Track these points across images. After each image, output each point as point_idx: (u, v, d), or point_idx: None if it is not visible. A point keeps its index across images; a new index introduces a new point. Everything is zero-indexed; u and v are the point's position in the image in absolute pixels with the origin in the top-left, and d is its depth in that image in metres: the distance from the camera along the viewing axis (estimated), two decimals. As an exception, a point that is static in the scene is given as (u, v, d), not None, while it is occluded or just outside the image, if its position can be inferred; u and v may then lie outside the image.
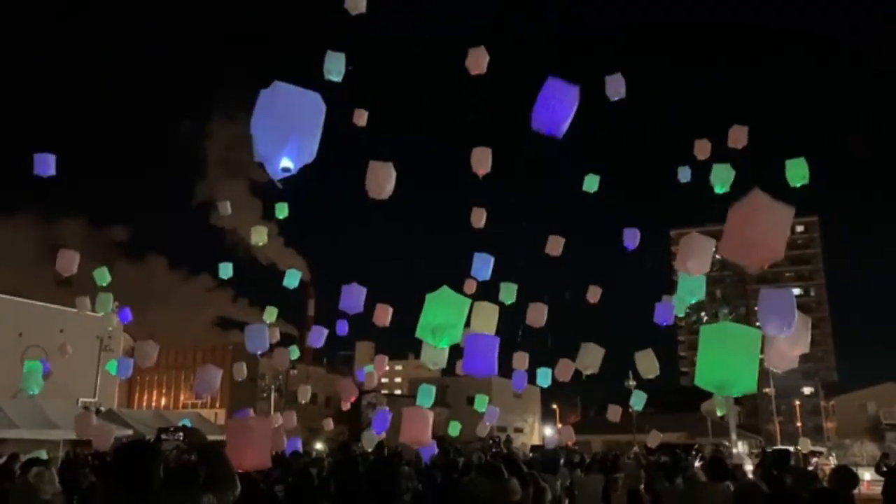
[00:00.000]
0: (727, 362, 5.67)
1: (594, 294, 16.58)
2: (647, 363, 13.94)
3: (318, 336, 19.15)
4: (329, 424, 24.53)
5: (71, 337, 24.60)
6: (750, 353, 5.67)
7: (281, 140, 4.48)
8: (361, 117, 14.16)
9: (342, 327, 19.13)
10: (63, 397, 31.27)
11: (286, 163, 4.49)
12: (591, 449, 39.26)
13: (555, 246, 16.22)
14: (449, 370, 14.82)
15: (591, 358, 13.53)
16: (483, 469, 5.33)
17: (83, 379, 32.28)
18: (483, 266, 14.61)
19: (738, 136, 13.29)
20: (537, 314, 15.07)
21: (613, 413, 18.54)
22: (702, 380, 5.82)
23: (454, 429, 21.34)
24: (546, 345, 17.58)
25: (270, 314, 19.94)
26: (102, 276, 16.93)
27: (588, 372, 13.53)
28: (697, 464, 11.19)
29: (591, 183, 15.79)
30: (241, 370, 20.04)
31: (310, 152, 4.58)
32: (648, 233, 15.78)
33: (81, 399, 34.05)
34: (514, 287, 15.85)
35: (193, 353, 48.91)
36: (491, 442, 24.86)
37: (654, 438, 21.37)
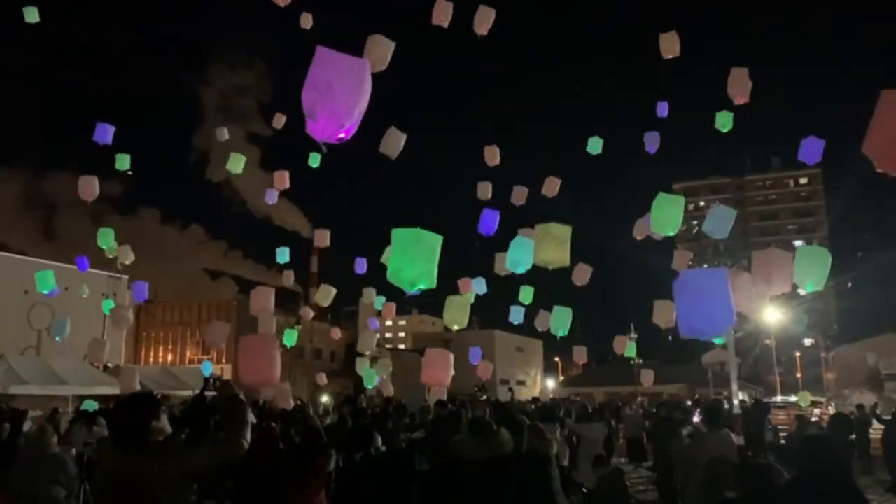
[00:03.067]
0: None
1: (582, 274, 15.78)
2: (666, 312, 14.11)
3: (324, 293, 19.26)
4: (322, 379, 24.76)
5: (76, 294, 24.72)
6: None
7: (345, 110, 4.52)
8: (307, 21, 13.78)
9: (361, 265, 19.00)
10: (70, 354, 31.61)
11: (342, 134, 4.58)
12: (594, 401, 39.77)
13: (551, 187, 16.10)
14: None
15: (561, 320, 13.79)
16: (472, 427, 5.32)
17: (90, 336, 32.54)
18: (490, 221, 14.62)
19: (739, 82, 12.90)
20: (552, 186, 14.90)
21: (578, 354, 18.91)
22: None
23: None
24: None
25: (282, 254, 19.84)
26: (123, 161, 16.36)
27: (560, 333, 13.82)
28: (697, 419, 11.30)
29: (595, 145, 15.79)
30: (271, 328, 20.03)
31: (356, 121, 4.66)
32: (653, 186, 15.66)
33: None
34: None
35: (199, 309, 49.25)
36: (476, 390, 25.12)
37: (646, 378, 21.75)
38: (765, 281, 7.24)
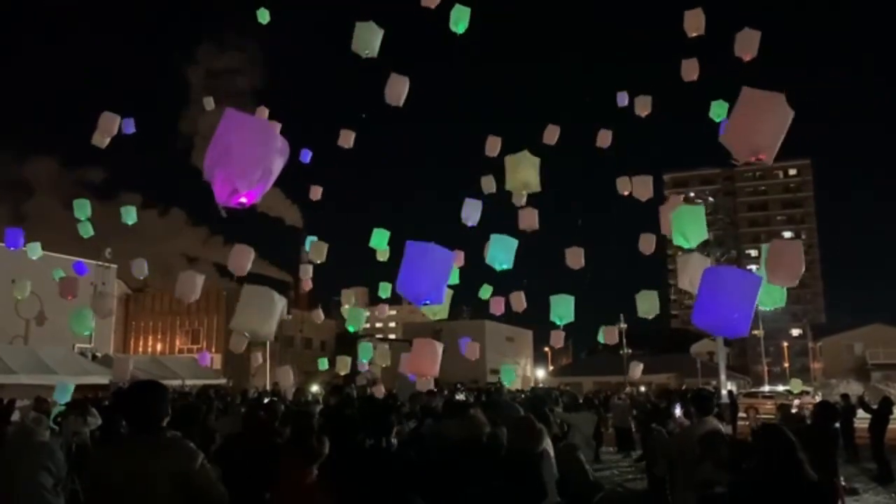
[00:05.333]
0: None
1: (575, 258, 15.76)
2: (648, 303, 14.06)
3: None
4: (323, 364, 24.57)
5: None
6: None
7: (239, 176, 4.48)
8: (263, 17, 14.49)
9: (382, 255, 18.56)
10: (59, 343, 31.44)
11: (243, 199, 4.58)
12: (583, 390, 39.98)
13: (551, 135, 15.94)
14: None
15: (562, 308, 13.71)
16: (448, 410, 5.32)
17: (78, 325, 32.44)
18: (472, 212, 14.52)
19: (747, 45, 12.47)
20: (529, 218, 14.18)
21: (556, 339, 18.90)
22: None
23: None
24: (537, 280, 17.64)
25: (310, 244, 19.16)
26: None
27: (564, 322, 13.73)
28: (678, 412, 11.23)
29: (605, 139, 15.76)
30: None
31: (266, 184, 4.65)
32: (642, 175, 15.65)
33: (77, 345, 34.25)
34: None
35: (188, 299, 49.09)
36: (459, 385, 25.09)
37: (635, 371, 21.82)
38: (779, 274, 7.22)
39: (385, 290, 19.35)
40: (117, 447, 3.32)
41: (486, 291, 18.25)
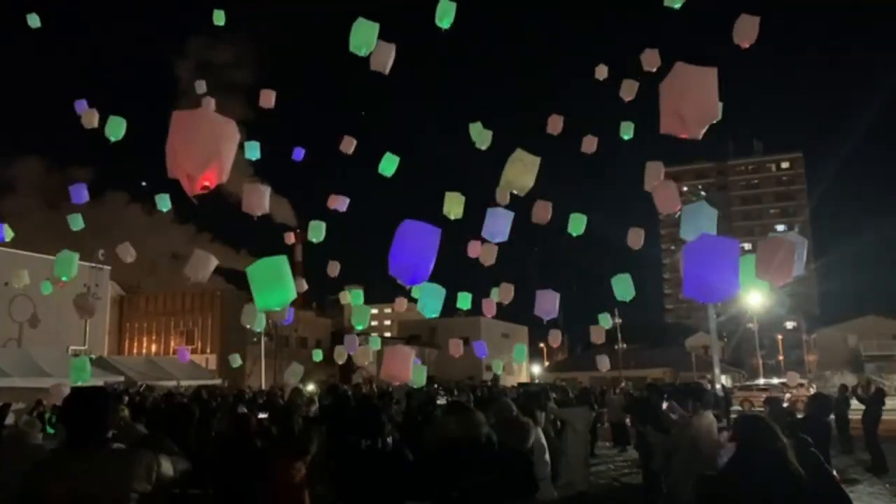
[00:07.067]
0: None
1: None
2: (623, 286, 14.04)
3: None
4: (318, 356, 24.49)
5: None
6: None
7: (204, 162, 4.66)
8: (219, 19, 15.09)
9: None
10: (52, 345, 31.35)
11: (206, 182, 4.72)
12: (577, 385, 40.06)
13: (555, 125, 15.80)
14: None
15: (547, 303, 13.71)
16: (448, 408, 5.37)
17: (72, 327, 32.37)
18: (457, 203, 14.42)
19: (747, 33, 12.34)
20: (542, 211, 14.12)
21: (554, 338, 18.85)
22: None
23: None
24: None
25: (317, 230, 18.29)
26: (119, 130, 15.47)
27: (548, 318, 13.78)
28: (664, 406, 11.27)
29: (627, 131, 15.54)
30: (251, 318, 18.28)
31: (220, 163, 4.78)
32: (635, 171, 15.61)
33: (71, 347, 34.16)
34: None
35: (182, 299, 48.91)
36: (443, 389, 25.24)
37: (602, 364, 22.06)
38: (769, 270, 7.17)
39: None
40: (58, 465, 3.02)
41: (495, 294, 17.82)
